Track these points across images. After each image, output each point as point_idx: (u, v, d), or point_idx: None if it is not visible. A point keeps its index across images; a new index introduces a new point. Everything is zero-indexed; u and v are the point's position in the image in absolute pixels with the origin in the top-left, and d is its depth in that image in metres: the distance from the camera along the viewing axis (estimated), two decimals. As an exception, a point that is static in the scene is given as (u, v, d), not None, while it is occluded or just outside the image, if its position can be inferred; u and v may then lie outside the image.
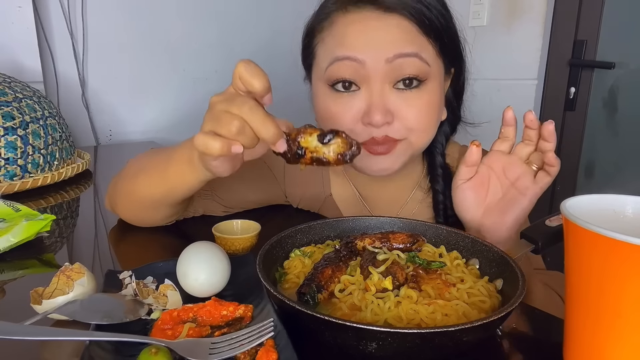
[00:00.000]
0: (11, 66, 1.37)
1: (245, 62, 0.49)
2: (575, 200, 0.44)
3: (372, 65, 0.68)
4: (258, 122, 0.48)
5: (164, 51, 1.72)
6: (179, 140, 0.65)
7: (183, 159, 0.62)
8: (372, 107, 0.69)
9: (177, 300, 0.52)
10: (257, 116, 0.48)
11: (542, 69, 1.79)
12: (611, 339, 0.38)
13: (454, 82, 0.81)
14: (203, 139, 0.49)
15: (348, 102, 0.71)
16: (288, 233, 0.60)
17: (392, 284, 0.49)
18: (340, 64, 0.69)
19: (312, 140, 0.51)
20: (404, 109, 0.70)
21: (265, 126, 0.48)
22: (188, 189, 0.67)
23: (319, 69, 0.74)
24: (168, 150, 0.69)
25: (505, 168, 0.68)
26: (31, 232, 0.70)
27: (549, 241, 0.58)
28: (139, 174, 0.71)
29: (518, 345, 0.50)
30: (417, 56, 0.68)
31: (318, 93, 0.75)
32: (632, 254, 0.35)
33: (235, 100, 0.49)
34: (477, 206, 0.69)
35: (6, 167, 1.00)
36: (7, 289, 0.61)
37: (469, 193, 0.69)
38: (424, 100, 0.71)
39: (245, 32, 1.87)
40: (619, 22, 1.64)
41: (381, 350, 0.40)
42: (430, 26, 0.69)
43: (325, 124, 0.74)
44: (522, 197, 0.66)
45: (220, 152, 0.48)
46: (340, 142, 0.51)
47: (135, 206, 0.74)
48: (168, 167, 0.65)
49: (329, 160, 0.51)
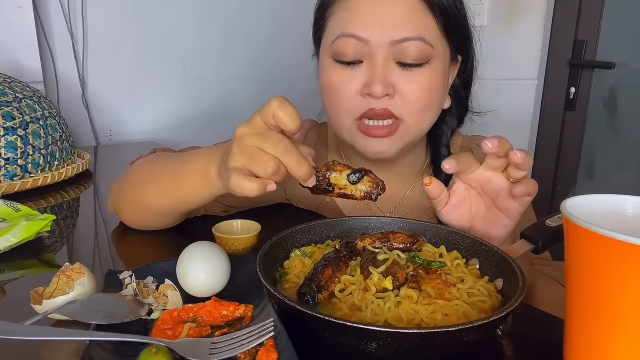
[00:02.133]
0: (11, 66, 1.37)
1: (279, 100, 0.50)
2: (575, 200, 0.44)
3: (376, 45, 0.69)
4: (293, 162, 0.50)
5: (164, 51, 1.72)
6: (179, 140, 0.65)
7: (198, 172, 0.62)
8: (373, 78, 0.69)
9: (177, 300, 0.52)
10: (293, 157, 0.50)
11: (542, 69, 1.79)
12: (611, 339, 0.38)
13: (461, 71, 0.81)
14: (240, 181, 0.50)
15: (350, 74, 0.71)
16: (288, 233, 0.60)
17: (392, 284, 0.49)
18: (346, 41, 0.70)
19: (342, 179, 0.53)
20: (404, 84, 0.70)
21: (299, 167, 0.50)
22: (200, 201, 0.67)
23: (327, 42, 0.75)
24: (178, 158, 0.69)
25: (483, 184, 0.62)
26: (31, 232, 0.70)
27: (549, 241, 0.58)
28: (148, 182, 0.70)
29: (518, 345, 0.50)
30: (421, 39, 0.69)
31: (323, 65, 0.76)
32: (632, 254, 0.35)
33: (269, 137, 0.50)
34: (464, 222, 0.65)
35: (6, 167, 1.00)
36: (7, 289, 0.61)
37: (452, 215, 0.64)
38: (427, 77, 0.71)
39: (245, 32, 1.87)
40: (619, 22, 1.64)
41: (381, 350, 0.40)
42: (437, 4, 0.70)
43: (328, 96, 0.75)
44: (504, 218, 0.62)
45: (257, 193, 0.50)
46: (367, 181, 0.53)
47: (142, 214, 0.74)
48: (181, 179, 0.65)
49: (355, 197, 0.54)
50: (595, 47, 1.69)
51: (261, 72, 1.91)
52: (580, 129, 1.77)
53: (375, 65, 0.70)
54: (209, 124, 1.82)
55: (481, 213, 0.64)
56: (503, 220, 0.62)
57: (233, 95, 1.87)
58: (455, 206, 0.64)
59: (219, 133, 1.20)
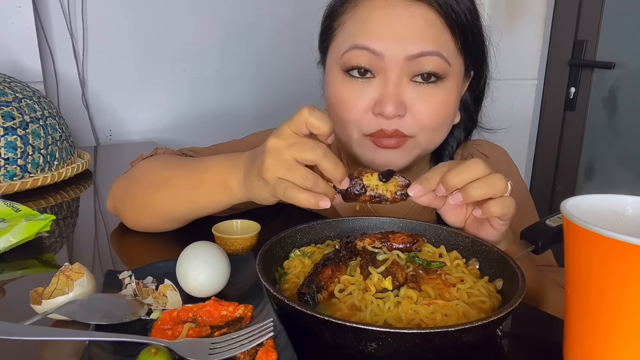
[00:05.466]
0: (11, 66, 1.37)
1: (310, 108, 0.53)
2: (575, 200, 0.44)
3: (391, 59, 0.66)
4: (331, 165, 0.53)
5: (164, 51, 1.72)
6: (179, 140, 0.65)
7: (217, 182, 0.63)
8: (385, 97, 0.67)
9: (176, 300, 0.52)
10: (330, 160, 0.52)
11: (542, 69, 1.80)
12: (611, 339, 0.38)
13: (473, 85, 0.78)
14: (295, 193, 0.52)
15: (361, 90, 0.69)
16: (288, 233, 0.60)
17: (392, 284, 0.49)
18: (358, 53, 0.67)
19: (373, 179, 0.57)
20: (417, 104, 0.68)
21: (337, 169, 0.53)
22: (216, 209, 0.68)
23: (336, 52, 0.71)
24: (192, 165, 0.68)
25: None
26: (31, 232, 0.70)
27: (549, 241, 0.57)
28: (160, 188, 0.69)
29: (518, 345, 0.50)
30: (439, 55, 0.66)
31: (331, 77, 0.73)
32: (632, 254, 0.35)
33: (306, 143, 0.52)
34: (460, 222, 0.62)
35: (6, 167, 1.00)
36: (7, 289, 0.61)
37: (449, 215, 0.62)
38: (440, 97, 0.69)
39: (246, 32, 1.86)
40: (619, 22, 1.64)
41: (381, 351, 0.40)
42: (455, 20, 0.67)
43: (335, 110, 0.72)
44: (489, 227, 0.59)
45: (310, 205, 0.52)
46: (396, 181, 0.57)
47: (148, 218, 0.73)
48: (198, 188, 0.65)
49: (386, 197, 0.57)
50: (595, 47, 1.69)
51: (261, 72, 1.90)
52: (580, 129, 1.77)
53: (389, 82, 0.67)
54: (209, 124, 1.81)
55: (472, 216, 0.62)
56: (487, 227, 0.59)
57: (233, 95, 1.87)
58: (453, 207, 0.61)
59: (219, 133, 1.20)
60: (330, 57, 0.74)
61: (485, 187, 0.53)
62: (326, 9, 0.76)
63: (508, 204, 0.54)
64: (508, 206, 0.54)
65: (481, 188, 0.53)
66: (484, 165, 0.54)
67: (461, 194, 0.54)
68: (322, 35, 0.77)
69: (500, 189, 0.54)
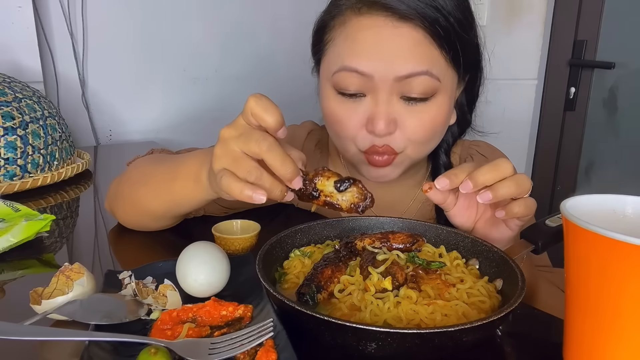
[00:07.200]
0: (11, 66, 1.37)
1: (256, 96, 0.49)
2: (575, 200, 0.44)
3: (381, 80, 0.66)
4: (277, 161, 0.49)
5: (164, 51, 1.72)
6: (179, 140, 0.65)
7: (189, 176, 0.62)
8: (376, 115, 0.67)
9: (176, 300, 0.52)
10: (276, 155, 0.49)
11: (542, 69, 1.79)
12: (611, 339, 0.38)
13: (468, 88, 0.79)
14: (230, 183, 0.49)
15: (353, 108, 0.70)
16: (288, 233, 0.60)
17: (392, 284, 0.49)
18: (348, 75, 0.67)
19: (329, 185, 0.52)
20: (407, 120, 0.69)
21: (284, 165, 0.49)
22: (193, 205, 0.67)
23: (327, 70, 0.72)
24: (172, 161, 0.68)
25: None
26: (31, 232, 0.70)
27: (549, 241, 0.57)
28: (143, 184, 0.70)
29: (518, 345, 0.50)
30: (428, 73, 0.66)
31: (324, 93, 0.74)
32: (632, 254, 0.35)
33: (252, 135, 0.49)
34: (470, 224, 0.64)
35: (6, 167, 1.00)
36: (7, 289, 0.61)
37: (458, 218, 0.63)
38: (430, 114, 0.69)
39: (245, 32, 1.86)
40: (619, 22, 1.64)
41: (381, 351, 0.40)
42: (444, 37, 0.66)
43: (331, 125, 0.74)
44: (503, 226, 0.60)
45: (243, 196, 0.49)
46: (356, 191, 0.52)
47: (136, 215, 0.74)
48: (173, 183, 0.64)
49: (341, 207, 0.52)
50: (595, 47, 1.68)
51: (261, 72, 1.90)
52: (580, 129, 1.77)
53: (379, 102, 0.67)
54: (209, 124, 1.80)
55: (486, 216, 0.63)
56: (502, 227, 0.61)
57: (233, 95, 1.87)
58: (463, 208, 0.63)
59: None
60: (322, 71, 0.75)
61: (515, 186, 0.54)
62: (316, 23, 0.76)
63: (530, 205, 0.55)
64: (530, 207, 0.55)
65: (510, 187, 0.54)
66: (511, 165, 0.55)
67: (491, 192, 0.54)
68: (314, 46, 0.77)
69: (527, 188, 0.55)
